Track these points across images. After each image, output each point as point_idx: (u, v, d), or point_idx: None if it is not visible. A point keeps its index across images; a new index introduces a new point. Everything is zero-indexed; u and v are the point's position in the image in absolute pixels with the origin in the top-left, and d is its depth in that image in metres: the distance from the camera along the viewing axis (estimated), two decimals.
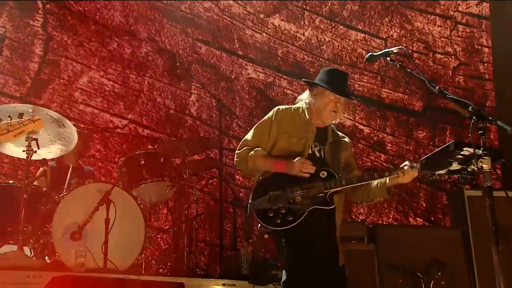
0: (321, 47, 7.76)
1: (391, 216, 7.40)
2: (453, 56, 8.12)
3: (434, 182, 7.56)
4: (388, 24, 8.00)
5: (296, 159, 3.50)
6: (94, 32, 6.95)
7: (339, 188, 3.53)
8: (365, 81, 7.78)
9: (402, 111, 7.83)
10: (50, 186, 5.11)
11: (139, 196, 5.23)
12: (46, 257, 4.68)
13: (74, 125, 5.05)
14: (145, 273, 4.88)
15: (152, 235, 5.59)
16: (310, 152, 3.63)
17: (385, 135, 7.72)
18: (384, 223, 7.26)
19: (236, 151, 3.70)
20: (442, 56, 8.09)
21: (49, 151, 4.90)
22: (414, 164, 3.52)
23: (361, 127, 7.66)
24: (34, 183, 5.15)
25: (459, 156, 3.26)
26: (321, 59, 7.71)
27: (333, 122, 3.80)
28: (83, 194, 4.76)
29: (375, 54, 3.48)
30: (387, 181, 3.59)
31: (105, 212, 4.69)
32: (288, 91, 7.52)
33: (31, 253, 4.67)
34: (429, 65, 7.98)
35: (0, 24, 6.54)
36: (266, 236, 3.68)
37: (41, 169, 5.14)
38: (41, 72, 6.66)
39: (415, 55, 7.89)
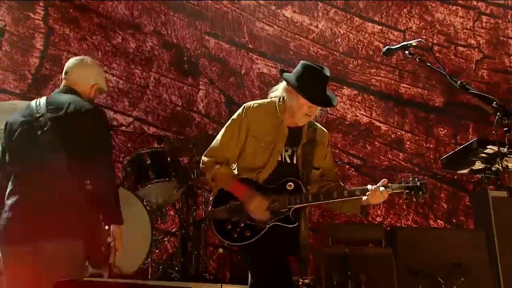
0: (336, 40, 7.76)
1: (410, 218, 7.39)
2: (476, 49, 8.09)
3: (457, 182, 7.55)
4: (407, 15, 7.98)
5: (256, 198, 3.39)
6: (97, 25, 6.99)
7: (304, 205, 3.45)
8: (382, 75, 7.77)
9: (422, 107, 7.81)
10: None
11: (145, 197, 5.26)
12: None
13: None
14: (151, 278, 4.91)
15: (159, 238, 5.63)
16: (279, 158, 3.53)
17: (404, 132, 7.71)
18: (403, 225, 7.25)
19: (203, 158, 3.64)
20: (465, 49, 8.06)
21: None
22: (389, 185, 3.40)
23: (378, 124, 7.65)
24: None
25: (483, 155, 3.25)
26: (335, 52, 7.71)
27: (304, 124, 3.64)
28: None
29: (393, 47, 3.47)
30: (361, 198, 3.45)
31: None
32: None
33: None
34: (450, 58, 7.96)
35: None
36: (220, 250, 3.69)
37: None
38: (42, 67, 6.71)
39: (436, 48, 7.87)
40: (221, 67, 7.35)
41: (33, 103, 3.41)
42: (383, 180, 3.44)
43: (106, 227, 3.16)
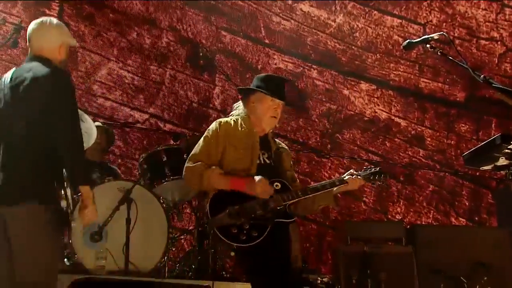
0: (354, 35, 7.72)
1: (430, 216, 7.34)
2: (499, 42, 7.99)
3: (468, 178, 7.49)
4: (427, 8, 7.91)
5: (257, 179, 3.61)
6: (112, 21, 7.03)
7: (296, 200, 3.70)
8: (401, 70, 7.72)
9: (442, 103, 7.75)
10: None
11: (162, 194, 5.28)
12: (65, 259, 4.76)
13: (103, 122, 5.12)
14: (168, 276, 4.93)
15: (175, 236, 5.65)
16: (258, 161, 3.78)
17: (424, 128, 7.66)
18: (423, 223, 7.20)
19: (187, 165, 3.77)
20: (487, 42, 7.97)
21: None
22: (359, 172, 3.81)
23: (398, 120, 7.61)
24: None
25: (507, 151, 3.21)
26: (353, 47, 7.67)
27: (271, 129, 3.96)
28: (103, 192, 4.80)
29: (414, 41, 3.46)
30: (334, 188, 3.79)
31: (126, 211, 4.74)
32: (318, 82, 7.50)
33: None
34: (472, 52, 7.87)
35: (15, 13, 6.66)
36: (232, 253, 3.79)
37: None
38: None
39: (457, 41, 7.79)
40: (237, 62, 7.35)
41: (3, 77, 3.47)
42: (350, 170, 3.86)
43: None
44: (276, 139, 4.08)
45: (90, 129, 4.88)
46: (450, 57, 3.31)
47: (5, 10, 6.60)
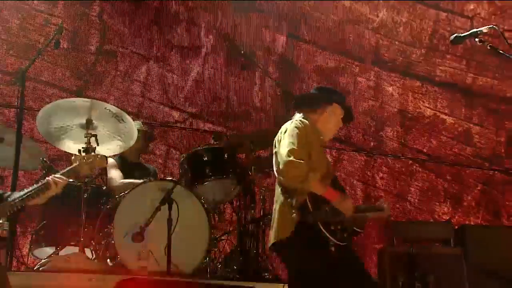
0: (398, 29, 7.65)
1: (480, 216, 7.21)
2: None
3: None
4: (475, 0, 7.78)
5: (348, 199, 3.80)
6: (151, 20, 7.12)
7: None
8: (447, 65, 7.62)
9: (492, 98, 7.60)
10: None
11: (202, 194, 5.32)
12: (108, 260, 4.85)
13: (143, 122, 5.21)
14: (210, 277, 4.97)
15: (217, 237, 5.70)
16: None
17: (472, 125, 7.54)
18: (472, 223, 7.09)
19: (290, 159, 3.64)
20: None
21: (108, 148, 5.04)
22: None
23: (443, 116, 7.52)
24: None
25: None
26: (397, 42, 7.60)
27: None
28: (144, 193, 4.88)
29: (462, 35, 3.45)
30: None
31: (167, 212, 4.80)
32: (361, 79, 7.45)
33: (92, 256, 4.85)
34: None
35: (56, 14, 6.80)
36: (332, 248, 3.89)
37: None
38: (97, 64, 6.90)
39: (507, 34, 7.62)
40: (277, 60, 7.36)
41: None
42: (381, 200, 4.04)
43: None
44: None
45: (130, 129, 4.99)
46: (501, 51, 3.28)
47: (47, 10, 6.76)
